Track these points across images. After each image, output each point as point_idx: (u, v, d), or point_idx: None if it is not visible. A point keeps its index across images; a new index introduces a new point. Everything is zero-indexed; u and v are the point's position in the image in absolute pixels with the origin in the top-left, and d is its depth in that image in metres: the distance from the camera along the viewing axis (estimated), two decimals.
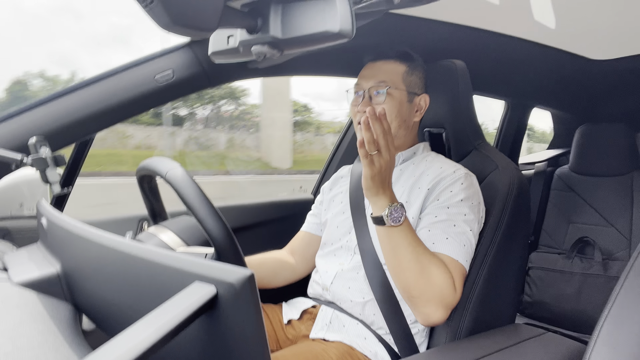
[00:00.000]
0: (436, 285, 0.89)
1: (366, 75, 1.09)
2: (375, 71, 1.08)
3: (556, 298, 1.96)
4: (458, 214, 0.96)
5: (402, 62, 1.09)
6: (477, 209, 0.99)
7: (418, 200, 1.01)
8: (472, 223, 0.97)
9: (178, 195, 0.83)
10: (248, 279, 0.39)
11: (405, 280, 0.92)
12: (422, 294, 0.90)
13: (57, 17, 44.20)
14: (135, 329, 0.37)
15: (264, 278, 1.18)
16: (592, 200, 2.02)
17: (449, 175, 1.01)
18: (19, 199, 1.29)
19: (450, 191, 0.98)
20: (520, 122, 2.40)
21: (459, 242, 0.94)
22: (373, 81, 1.07)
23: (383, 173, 0.89)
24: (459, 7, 1.23)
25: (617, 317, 0.52)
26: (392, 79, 1.07)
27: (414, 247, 0.91)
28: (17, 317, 0.57)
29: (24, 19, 19.87)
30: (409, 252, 0.90)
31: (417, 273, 0.90)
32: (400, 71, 1.08)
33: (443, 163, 1.06)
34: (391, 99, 1.06)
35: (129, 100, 1.11)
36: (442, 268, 0.91)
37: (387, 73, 1.08)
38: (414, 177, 1.05)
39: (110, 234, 0.57)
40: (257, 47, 0.59)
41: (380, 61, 1.10)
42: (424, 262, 0.90)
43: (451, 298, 0.91)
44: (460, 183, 0.99)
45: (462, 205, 0.97)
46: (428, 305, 0.90)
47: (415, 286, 0.90)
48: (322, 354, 0.94)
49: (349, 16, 0.54)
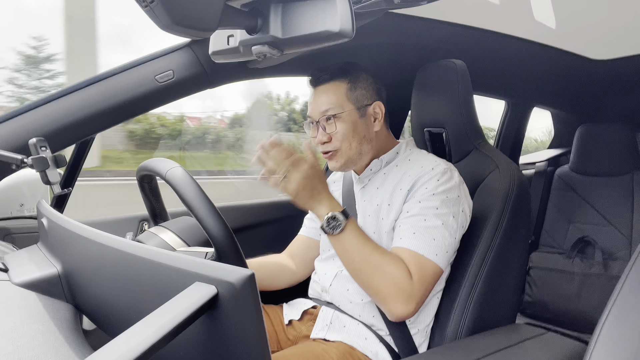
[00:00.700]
0: (390, 281, 0.90)
1: (312, 106, 1.07)
2: (319, 99, 1.05)
3: (557, 298, 1.96)
4: (429, 208, 0.95)
5: (342, 80, 1.05)
6: (453, 203, 0.96)
7: (399, 202, 1.01)
8: (445, 217, 0.95)
9: (178, 195, 0.83)
10: (248, 279, 0.39)
11: (361, 281, 0.94)
12: (379, 292, 0.91)
13: (58, 17, 44.20)
14: (136, 329, 0.37)
15: (264, 280, 1.18)
16: (593, 200, 2.02)
17: (427, 172, 1.00)
18: (19, 200, 1.29)
19: (425, 187, 0.98)
20: (520, 122, 2.41)
21: (426, 237, 0.93)
22: (320, 110, 1.04)
23: (308, 186, 0.92)
24: (459, 7, 1.23)
25: (618, 317, 0.51)
26: (336, 102, 1.03)
27: (360, 249, 0.93)
28: (18, 317, 0.57)
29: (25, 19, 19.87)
30: (356, 254, 0.93)
31: (369, 273, 0.92)
32: (342, 90, 1.04)
33: (424, 161, 1.04)
34: (342, 123, 1.03)
35: (130, 100, 1.11)
36: (394, 263, 0.91)
37: (329, 98, 1.04)
38: (396, 179, 1.05)
39: (111, 234, 0.57)
40: (257, 47, 0.59)
41: (321, 86, 1.06)
42: (373, 261, 0.91)
43: (409, 290, 0.90)
44: (437, 179, 0.98)
45: (434, 198, 0.96)
46: (387, 301, 0.91)
47: (370, 285, 0.93)
48: (322, 354, 0.94)
49: (349, 16, 0.54)
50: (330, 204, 0.95)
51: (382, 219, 1.03)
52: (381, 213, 1.03)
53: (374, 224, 1.03)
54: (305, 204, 0.95)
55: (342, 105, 1.04)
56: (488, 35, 1.40)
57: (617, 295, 0.53)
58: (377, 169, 1.10)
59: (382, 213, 1.03)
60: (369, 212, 1.06)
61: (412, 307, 0.90)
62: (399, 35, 1.33)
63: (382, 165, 1.10)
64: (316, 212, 0.95)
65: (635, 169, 1.97)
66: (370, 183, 1.10)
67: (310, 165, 0.93)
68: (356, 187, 1.14)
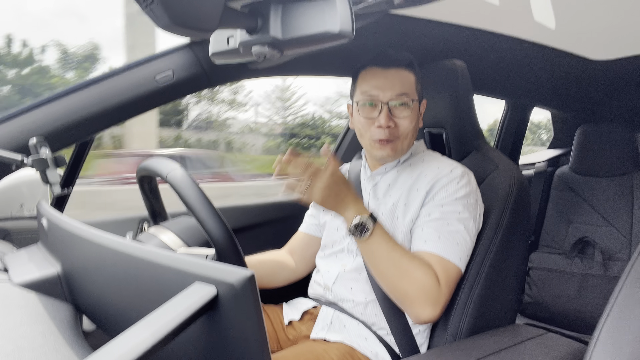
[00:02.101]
0: (417, 285, 0.90)
1: (382, 86, 1.01)
2: (391, 81, 1.01)
3: (556, 298, 1.96)
4: (452, 212, 0.96)
5: (411, 70, 1.04)
6: (472, 207, 0.98)
7: (416, 203, 1.01)
8: (467, 221, 0.96)
9: (178, 196, 0.83)
10: (248, 280, 0.39)
11: (388, 285, 0.94)
12: (406, 296, 0.91)
13: (61, 20, 44.20)
14: (136, 330, 0.37)
15: (263, 278, 1.18)
16: (593, 201, 2.02)
17: (445, 175, 1.00)
18: (19, 200, 1.29)
19: (445, 190, 0.98)
20: (520, 122, 2.41)
21: (451, 241, 0.94)
22: (392, 93, 1.00)
23: (332, 194, 0.91)
24: (459, 7, 1.23)
25: (618, 317, 0.51)
26: (409, 90, 1.02)
27: (389, 253, 0.92)
28: (18, 318, 0.57)
29: (28, 22, 19.93)
30: (385, 258, 0.92)
31: (397, 277, 0.91)
32: (412, 81, 1.04)
33: (440, 162, 1.05)
34: (411, 112, 1.02)
35: (129, 100, 1.11)
36: (423, 268, 0.91)
37: (404, 84, 1.02)
38: (412, 179, 1.05)
39: (111, 234, 0.57)
40: (257, 47, 0.59)
41: (392, 69, 1.02)
42: (402, 265, 0.91)
43: (436, 295, 0.90)
44: (456, 182, 0.99)
45: (457, 203, 0.97)
46: (414, 305, 0.91)
47: (398, 289, 0.92)
48: (323, 354, 0.94)
49: (349, 16, 0.54)
50: (356, 208, 0.94)
51: (398, 218, 1.02)
52: (397, 212, 1.03)
53: (389, 223, 1.03)
54: (333, 209, 0.95)
55: (412, 95, 1.03)
56: (488, 35, 1.40)
57: (616, 296, 0.53)
58: (390, 167, 1.10)
59: (398, 212, 1.03)
60: (382, 210, 1.05)
61: (438, 311, 0.91)
62: (399, 36, 1.33)
63: (396, 164, 1.10)
64: (345, 217, 0.95)
65: (635, 169, 1.96)
66: (382, 180, 1.10)
67: (330, 174, 0.92)
68: (367, 184, 1.13)
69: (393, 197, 1.05)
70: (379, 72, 1.03)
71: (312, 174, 0.92)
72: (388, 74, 1.02)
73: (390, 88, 1.01)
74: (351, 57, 1.17)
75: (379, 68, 1.03)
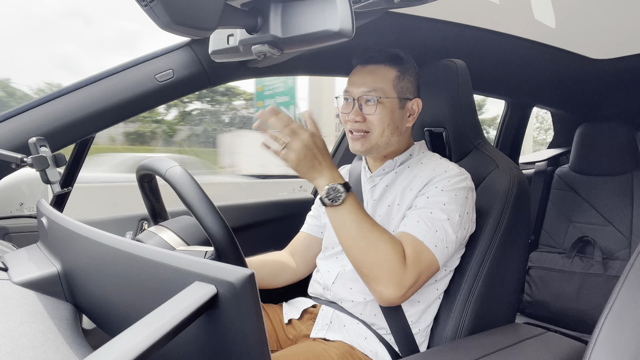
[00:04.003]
0: (384, 261, 0.88)
1: (355, 82, 1.04)
2: (364, 78, 1.03)
3: (556, 297, 1.96)
4: (436, 203, 0.95)
5: (393, 67, 1.04)
6: (461, 202, 0.96)
7: (407, 201, 1.01)
8: (452, 213, 0.94)
9: (178, 194, 0.83)
10: (248, 279, 0.39)
11: (354, 257, 0.92)
12: (371, 271, 0.89)
13: (66, 21, 44.30)
14: (136, 329, 0.37)
15: (265, 279, 1.18)
16: (592, 200, 2.02)
17: (439, 174, 1.00)
18: (19, 199, 1.29)
19: (436, 187, 0.98)
20: (520, 122, 2.41)
21: (430, 226, 0.93)
22: (363, 89, 1.02)
23: (308, 155, 0.89)
24: (459, 6, 1.23)
25: (618, 316, 0.52)
26: (383, 86, 1.02)
27: (358, 224, 0.90)
28: (18, 317, 0.57)
29: (33, 24, 19.89)
30: (353, 228, 0.90)
31: (364, 249, 0.89)
32: (391, 77, 1.03)
33: (437, 164, 1.05)
34: (382, 108, 1.02)
35: (129, 99, 1.11)
36: (392, 243, 0.89)
37: (377, 80, 1.02)
38: (407, 180, 1.05)
39: (111, 233, 0.57)
40: (257, 46, 0.59)
41: (370, 65, 1.04)
42: (371, 238, 0.89)
43: (400, 274, 0.88)
44: (448, 180, 0.98)
45: (443, 194, 0.96)
46: (378, 282, 0.89)
47: (363, 263, 0.90)
48: (322, 353, 0.94)
49: (349, 15, 0.54)
50: (331, 175, 0.92)
51: (393, 219, 1.03)
52: (392, 214, 1.04)
53: (385, 225, 1.03)
54: (306, 175, 0.92)
55: (386, 92, 1.03)
56: (488, 35, 1.40)
57: (616, 295, 0.53)
58: (390, 169, 1.10)
59: (393, 213, 1.03)
60: (379, 212, 1.06)
61: (402, 292, 0.88)
62: (399, 35, 1.33)
63: (395, 166, 1.10)
64: (316, 183, 0.93)
65: (635, 169, 1.97)
66: (380, 182, 1.10)
67: (310, 134, 0.90)
68: (366, 185, 1.13)
69: (389, 198, 1.05)
70: (359, 69, 1.06)
71: (292, 131, 0.90)
72: (363, 71, 1.05)
73: (362, 84, 1.03)
74: (351, 57, 1.17)
75: (360, 65, 1.07)
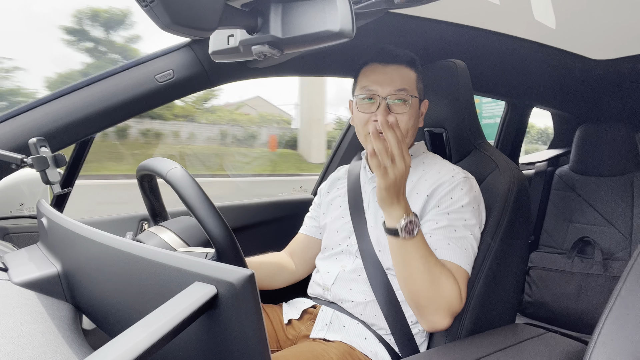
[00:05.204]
0: (445, 295, 0.90)
1: (381, 81, 1.02)
2: (391, 77, 1.02)
3: (556, 298, 1.96)
4: (458, 219, 0.96)
5: (412, 68, 1.05)
6: (477, 212, 0.99)
7: (416, 206, 1.01)
8: (473, 227, 0.97)
9: (178, 195, 0.83)
10: (248, 279, 0.39)
11: (415, 290, 0.91)
12: (431, 304, 0.90)
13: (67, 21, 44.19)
14: (136, 329, 0.37)
15: (264, 280, 1.18)
16: (593, 200, 2.02)
17: (447, 180, 1.00)
18: (19, 199, 1.29)
19: (450, 198, 0.98)
20: (520, 122, 2.41)
21: (460, 247, 0.94)
22: (391, 88, 1.00)
23: (398, 183, 0.86)
24: (459, 7, 1.23)
25: (618, 317, 0.51)
26: (409, 86, 1.02)
27: (426, 259, 0.89)
28: (18, 317, 0.57)
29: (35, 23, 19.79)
30: (421, 263, 0.89)
31: (428, 284, 0.89)
32: (413, 78, 1.04)
33: (441, 167, 1.05)
34: (410, 108, 1.02)
35: (130, 100, 1.11)
36: (451, 278, 0.91)
37: (404, 80, 1.02)
38: (412, 182, 1.04)
39: (111, 234, 0.57)
40: (257, 46, 0.59)
41: (393, 65, 1.03)
42: (435, 273, 0.90)
43: (458, 306, 0.91)
44: (460, 188, 0.99)
45: (463, 210, 0.97)
46: (436, 314, 0.90)
47: (424, 296, 0.90)
48: (322, 354, 0.94)
49: (349, 16, 0.54)
50: (407, 208, 0.90)
51: None
52: None
53: None
54: (387, 200, 0.88)
55: (412, 92, 1.03)
56: (488, 35, 1.40)
57: (616, 296, 0.53)
58: None
59: None
60: (382, 213, 1.05)
61: (452, 321, 0.92)
62: (399, 35, 1.33)
63: None
64: (394, 212, 0.89)
65: (635, 169, 1.96)
66: None
67: (407, 166, 0.87)
68: (367, 185, 1.13)
69: None
70: (379, 68, 1.04)
71: (392, 159, 0.85)
72: (387, 70, 1.03)
73: (389, 83, 1.01)
74: (351, 57, 1.17)
75: (379, 64, 1.04)
